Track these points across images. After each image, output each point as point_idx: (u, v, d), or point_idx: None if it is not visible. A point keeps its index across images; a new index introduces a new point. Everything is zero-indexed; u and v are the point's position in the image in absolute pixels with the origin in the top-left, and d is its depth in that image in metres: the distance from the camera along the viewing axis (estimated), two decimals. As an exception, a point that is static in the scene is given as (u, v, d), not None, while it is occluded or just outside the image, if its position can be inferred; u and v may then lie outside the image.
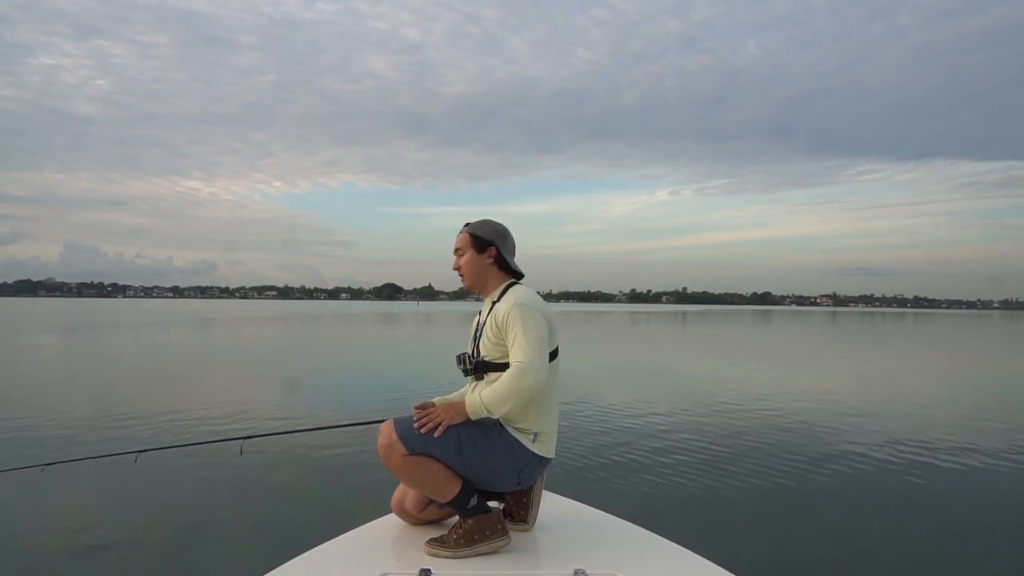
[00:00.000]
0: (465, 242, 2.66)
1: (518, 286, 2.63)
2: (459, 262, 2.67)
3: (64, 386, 12.34)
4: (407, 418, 2.43)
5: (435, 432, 2.35)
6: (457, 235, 2.72)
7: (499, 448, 2.43)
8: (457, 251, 2.68)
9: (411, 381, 13.61)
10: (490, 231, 2.66)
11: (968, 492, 5.77)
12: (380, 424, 2.42)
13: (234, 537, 4.52)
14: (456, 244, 2.70)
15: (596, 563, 2.25)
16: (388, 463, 2.35)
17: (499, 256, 2.65)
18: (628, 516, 2.76)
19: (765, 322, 62.32)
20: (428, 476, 2.35)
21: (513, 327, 2.42)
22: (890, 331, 45.86)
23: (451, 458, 2.36)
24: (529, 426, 2.48)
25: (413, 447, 2.32)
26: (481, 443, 2.40)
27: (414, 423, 2.37)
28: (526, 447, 2.47)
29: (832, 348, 27.45)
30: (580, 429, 7.98)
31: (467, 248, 2.65)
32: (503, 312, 2.47)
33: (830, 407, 10.27)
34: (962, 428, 8.69)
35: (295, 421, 8.72)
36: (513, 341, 2.41)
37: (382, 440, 2.34)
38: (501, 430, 2.45)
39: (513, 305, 2.46)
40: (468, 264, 2.64)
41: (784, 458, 6.74)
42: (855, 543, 4.45)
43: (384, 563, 2.29)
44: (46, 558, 4.19)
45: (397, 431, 2.34)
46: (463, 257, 2.66)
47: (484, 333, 2.55)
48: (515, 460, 2.45)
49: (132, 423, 8.45)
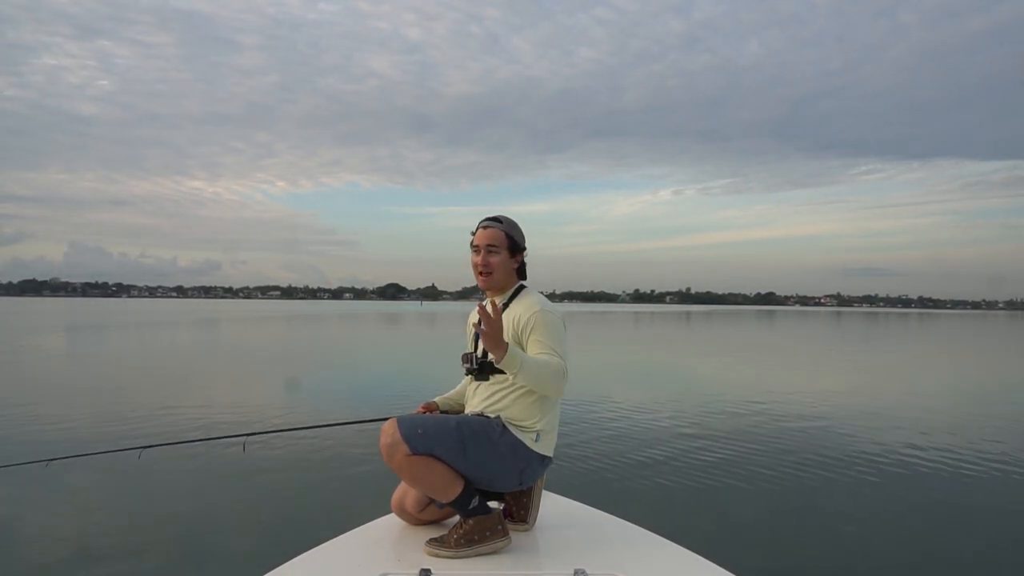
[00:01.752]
0: (502, 241, 2.58)
1: (530, 289, 2.64)
2: (489, 260, 2.56)
3: (69, 386, 12.36)
4: (410, 417, 2.43)
5: (487, 316, 2.22)
6: (483, 230, 2.59)
7: (502, 448, 2.43)
8: (490, 248, 2.57)
9: (413, 380, 13.61)
10: (521, 235, 2.65)
11: (971, 494, 5.74)
12: (382, 423, 2.42)
13: (235, 536, 4.53)
14: (489, 240, 2.57)
15: (596, 563, 2.25)
16: (391, 463, 2.33)
17: (523, 262, 2.66)
18: (628, 516, 2.76)
19: (769, 322, 62.21)
20: (431, 476, 2.34)
21: (539, 332, 2.42)
22: (896, 332, 45.74)
23: (454, 458, 2.35)
24: (532, 425, 2.48)
25: (416, 447, 2.31)
26: (484, 443, 2.40)
27: (478, 308, 2.28)
28: (528, 447, 2.47)
29: (835, 349, 27.40)
30: (580, 429, 7.97)
31: (503, 248, 2.58)
32: (526, 315, 2.46)
33: (831, 408, 10.25)
34: (967, 430, 8.66)
35: (298, 418, 8.76)
36: (540, 346, 2.41)
37: (385, 440, 2.33)
38: (504, 430, 2.45)
39: (540, 310, 2.47)
40: (501, 264, 2.58)
41: (785, 458, 6.73)
42: (855, 543, 4.44)
43: (384, 563, 2.29)
44: (48, 553, 4.20)
45: (401, 430, 2.32)
46: (497, 256, 2.57)
47: None
48: (517, 460, 2.46)
49: (136, 420, 8.47)
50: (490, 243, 2.57)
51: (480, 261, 2.57)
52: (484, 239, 2.58)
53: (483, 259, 2.57)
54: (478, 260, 2.58)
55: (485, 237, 2.58)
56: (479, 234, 2.60)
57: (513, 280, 2.65)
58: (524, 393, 2.48)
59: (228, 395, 11.14)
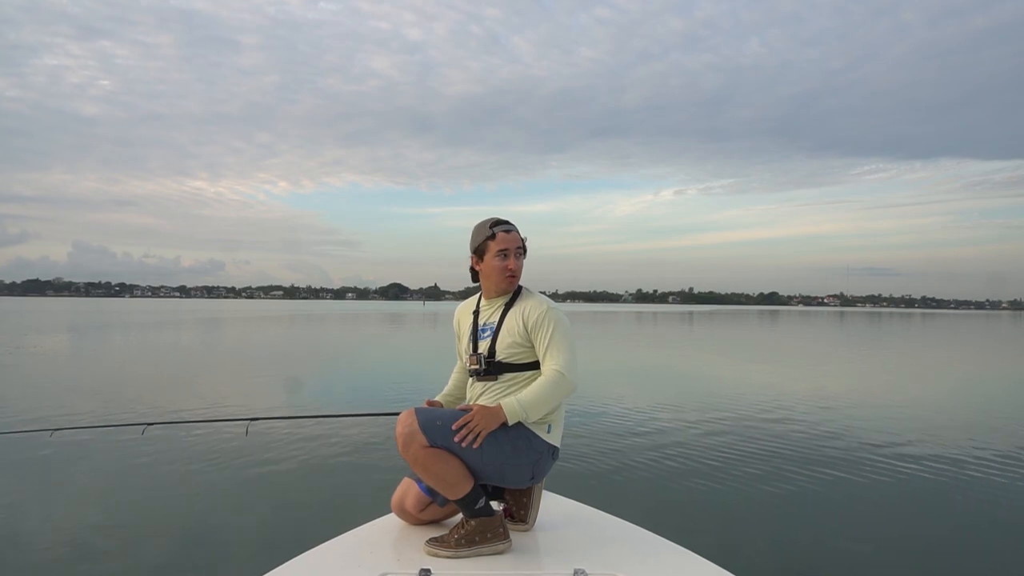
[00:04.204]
0: (522, 244, 2.62)
1: (530, 290, 2.67)
2: (514, 264, 2.57)
3: (76, 376, 12.39)
4: (428, 409, 2.45)
5: (474, 443, 2.33)
6: (505, 233, 2.57)
7: (517, 441, 2.44)
8: (518, 251, 2.59)
9: (414, 379, 13.60)
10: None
11: (975, 495, 5.72)
12: (382, 417, 2.43)
13: (234, 536, 4.53)
14: (518, 243, 2.59)
15: (596, 563, 2.25)
16: (406, 453, 2.33)
17: None
18: (628, 516, 2.76)
19: (772, 322, 62.11)
20: (445, 470, 2.34)
21: (548, 332, 2.47)
22: (903, 332, 45.61)
23: (469, 453, 2.36)
24: (545, 417, 2.50)
25: (435, 439, 2.32)
26: (500, 437, 2.41)
27: (455, 440, 2.33)
28: (541, 438, 2.49)
29: (838, 349, 27.33)
30: (581, 429, 7.96)
31: (523, 250, 2.63)
32: (536, 313, 2.50)
33: (833, 408, 10.22)
34: (972, 431, 8.63)
35: (300, 410, 8.87)
36: (548, 345, 2.46)
37: (402, 428, 2.32)
38: (519, 424, 2.45)
39: (550, 308, 2.52)
40: (520, 268, 2.62)
41: (785, 458, 6.71)
42: (856, 544, 4.43)
43: (384, 563, 2.30)
44: (49, 525, 4.26)
45: (419, 420, 2.33)
46: (520, 259, 2.61)
47: (502, 333, 2.55)
48: (531, 452, 2.47)
49: (141, 402, 8.58)
50: (520, 246, 2.61)
51: (513, 265, 2.57)
52: (513, 242, 2.58)
53: (510, 263, 2.57)
54: (511, 264, 2.56)
55: (514, 240, 2.59)
56: (506, 237, 2.57)
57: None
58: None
59: (231, 386, 11.22)
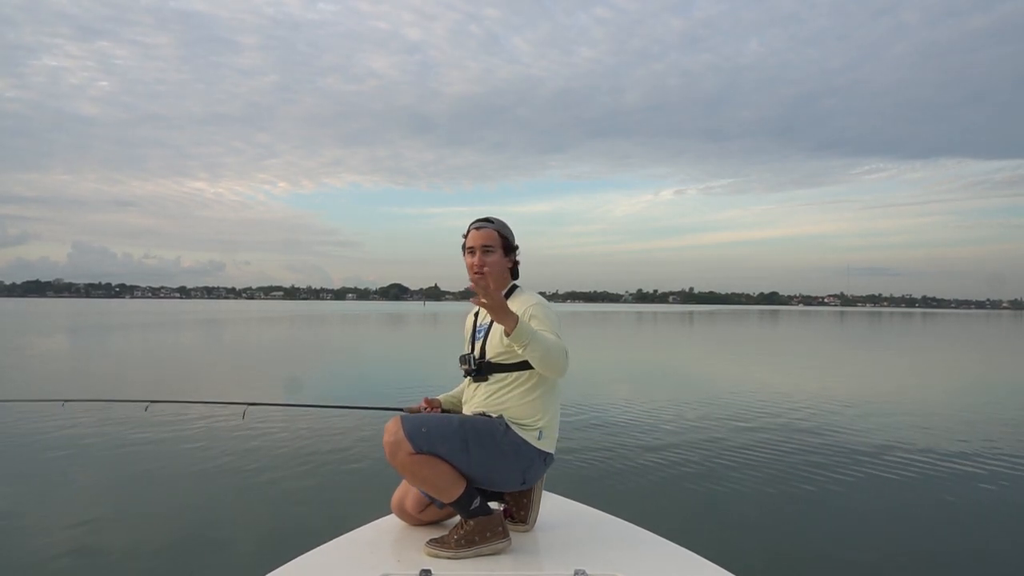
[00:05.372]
0: (496, 241, 2.60)
1: (523, 288, 2.67)
2: (485, 260, 2.56)
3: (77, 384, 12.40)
4: (413, 416, 2.45)
5: (486, 290, 2.17)
6: (475, 231, 2.60)
7: (505, 447, 2.44)
8: (486, 248, 2.58)
9: (414, 379, 13.59)
10: (512, 235, 2.68)
11: (976, 495, 5.72)
12: (380, 411, 2.43)
13: (234, 538, 4.52)
14: (484, 240, 2.58)
15: (596, 563, 2.25)
16: (394, 461, 2.34)
17: (516, 261, 2.69)
18: (628, 516, 2.76)
19: (772, 322, 62.07)
20: (434, 475, 2.35)
21: (538, 320, 2.43)
22: (903, 331, 45.59)
23: (457, 457, 2.36)
24: (534, 423, 2.49)
25: (420, 446, 2.32)
26: (488, 442, 2.41)
27: (472, 276, 2.34)
28: (531, 444, 2.48)
29: (838, 349, 27.32)
30: (581, 429, 7.97)
31: (497, 247, 2.60)
32: (523, 308, 2.46)
33: (833, 408, 10.21)
34: (973, 431, 8.63)
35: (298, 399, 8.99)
36: (541, 328, 2.42)
37: (388, 438, 2.33)
38: (507, 429, 2.46)
39: (537, 303, 2.50)
40: (496, 264, 2.58)
41: (785, 458, 6.72)
42: (856, 544, 4.43)
43: (384, 564, 2.30)
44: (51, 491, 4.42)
45: (404, 428, 2.33)
46: (492, 255, 2.58)
47: (491, 334, 2.55)
48: (520, 459, 2.46)
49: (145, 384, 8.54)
50: (485, 243, 2.58)
51: (476, 262, 2.57)
52: (479, 240, 2.59)
53: (479, 259, 2.57)
54: (474, 261, 2.58)
55: (479, 238, 2.60)
56: (472, 235, 2.61)
57: (507, 280, 2.66)
58: (525, 391, 2.49)
59: (232, 379, 11.32)
